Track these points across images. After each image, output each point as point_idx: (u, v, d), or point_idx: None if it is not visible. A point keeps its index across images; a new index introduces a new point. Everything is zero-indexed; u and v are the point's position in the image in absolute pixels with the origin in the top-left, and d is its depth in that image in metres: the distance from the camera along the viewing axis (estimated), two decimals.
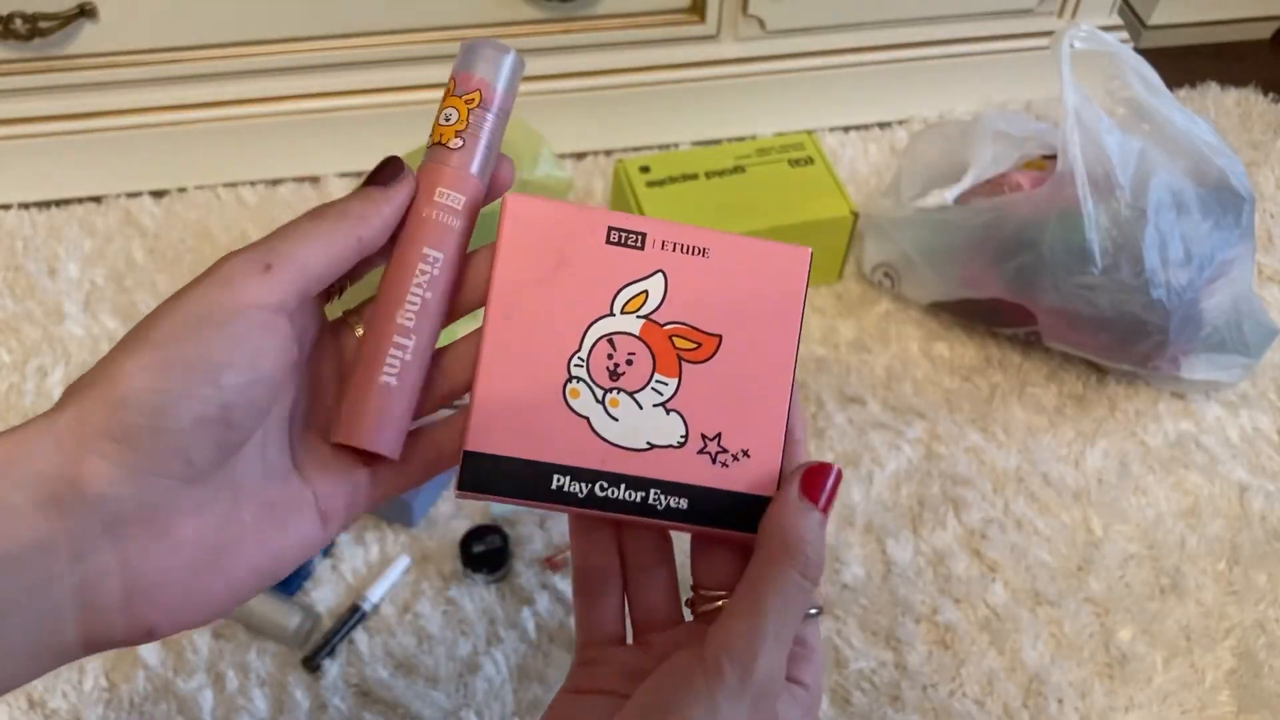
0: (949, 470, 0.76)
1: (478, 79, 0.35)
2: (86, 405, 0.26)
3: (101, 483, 0.26)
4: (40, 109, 0.90)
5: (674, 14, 0.94)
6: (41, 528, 0.26)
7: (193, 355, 0.27)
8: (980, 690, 0.65)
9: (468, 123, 0.34)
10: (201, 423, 0.27)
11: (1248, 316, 0.77)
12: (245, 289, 0.28)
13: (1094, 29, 0.73)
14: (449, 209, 0.33)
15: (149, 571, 0.27)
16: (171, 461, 0.27)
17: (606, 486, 0.34)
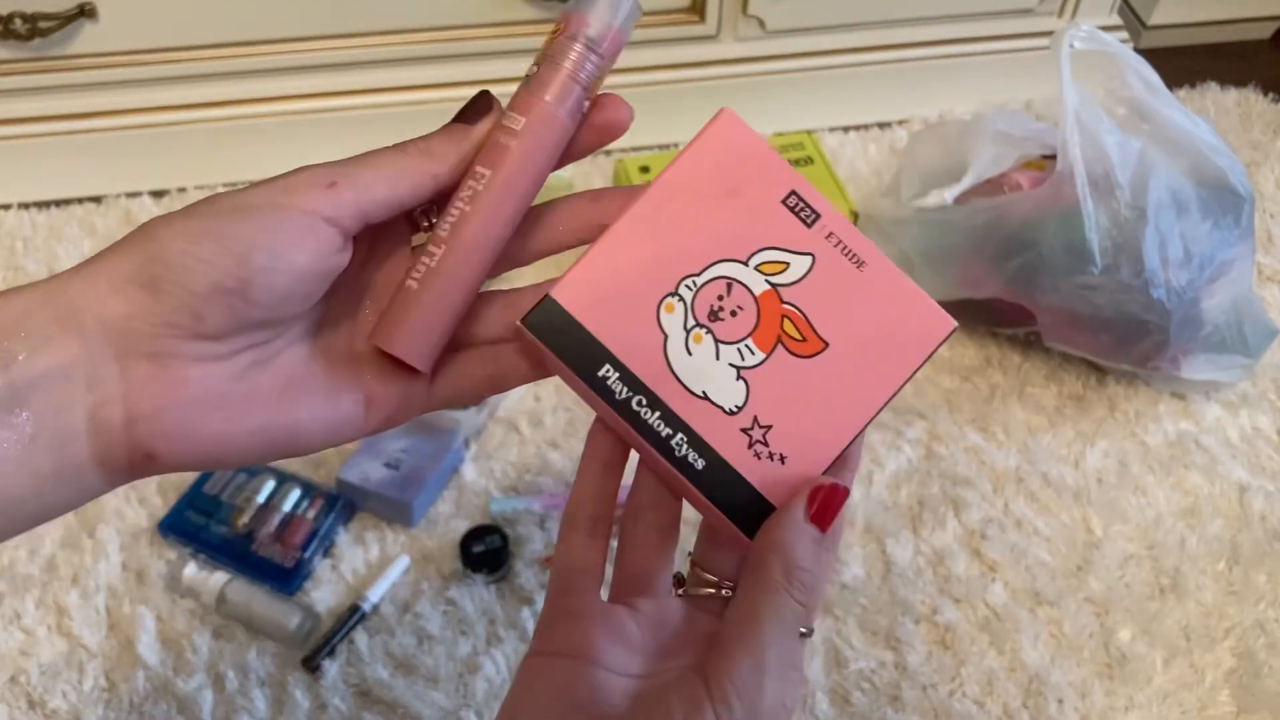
0: (949, 470, 0.76)
1: (572, 12, 0.34)
2: (123, 253, 0.29)
3: (118, 318, 0.29)
4: (40, 109, 0.90)
5: (674, 14, 0.94)
6: (66, 354, 0.28)
7: (228, 232, 0.29)
8: (980, 690, 0.65)
9: (548, 52, 0.33)
10: (219, 291, 0.29)
11: (1248, 316, 0.77)
12: (303, 196, 0.30)
13: (1094, 29, 0.74)
14: (507, 130, 0.33)
15: (148, 400, 0.30)
16: (184, 316, 0.29)
17: (644, 404, 0.34)
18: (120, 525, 0.71)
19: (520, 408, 0.78)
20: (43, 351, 0.28)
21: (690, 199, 0.34)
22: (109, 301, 0.29)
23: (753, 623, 0.31)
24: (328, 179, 0.31)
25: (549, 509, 0.72)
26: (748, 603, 0.32)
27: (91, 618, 0.67)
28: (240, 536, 0.70)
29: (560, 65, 0.33)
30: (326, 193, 0.31)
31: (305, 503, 0.71)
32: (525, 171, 0.33)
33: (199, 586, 0.67)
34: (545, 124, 0.33)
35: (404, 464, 0.72)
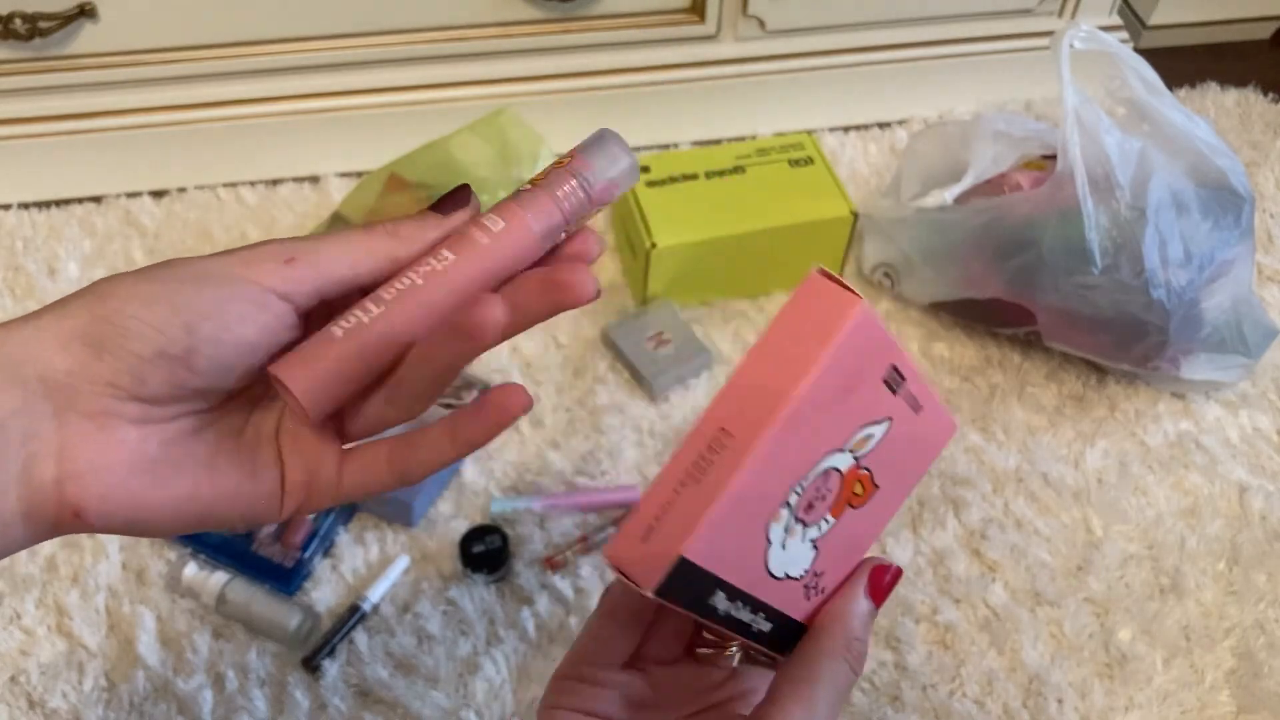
0: (949, 470, 0.76)
1: (578, 152, 0.35)
2: (73, 309, 0.30)
3: (60, 374, 0.29)
4: (40, 109, 0.90)
5: (674, 14, 0.94)
6: (5, 405, 0.29)
7: (180, 300, 0.30)
8: (980, 690, 0.65)
9: (547, 176, 0.34)
10: (163, 356, 0.30)
11: (1247, 316, 0.77)
12: (259, 269, 0.31)
13: (1094, 29, 0.73)
14: (483, 226, 0.33)
15: (81, 459, 0.30)
16: (125, 378, 0.30)
17: (741, 605, 0.33)
18: None
19: None
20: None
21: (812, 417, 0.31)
22: (53, 357, 0.29)
23: (810, 681, 0.34)
24: (286, 254, 0.31)
25: (549, 509, 0.72)
26: (807, 663, 0.35)
27: (91, 617, 0.67)
28: (240, 536, 0.70)
29: (551, 192, 0.33)
30: (283, 268, 0.31)
31: None
32: (485, 269, 0.33)
33: (199, 586, 0.67)
34: (520, 236, 0.33)
35: None
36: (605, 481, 0.75)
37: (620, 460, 0.75)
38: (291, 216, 0.92)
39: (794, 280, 0.87)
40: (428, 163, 0.82)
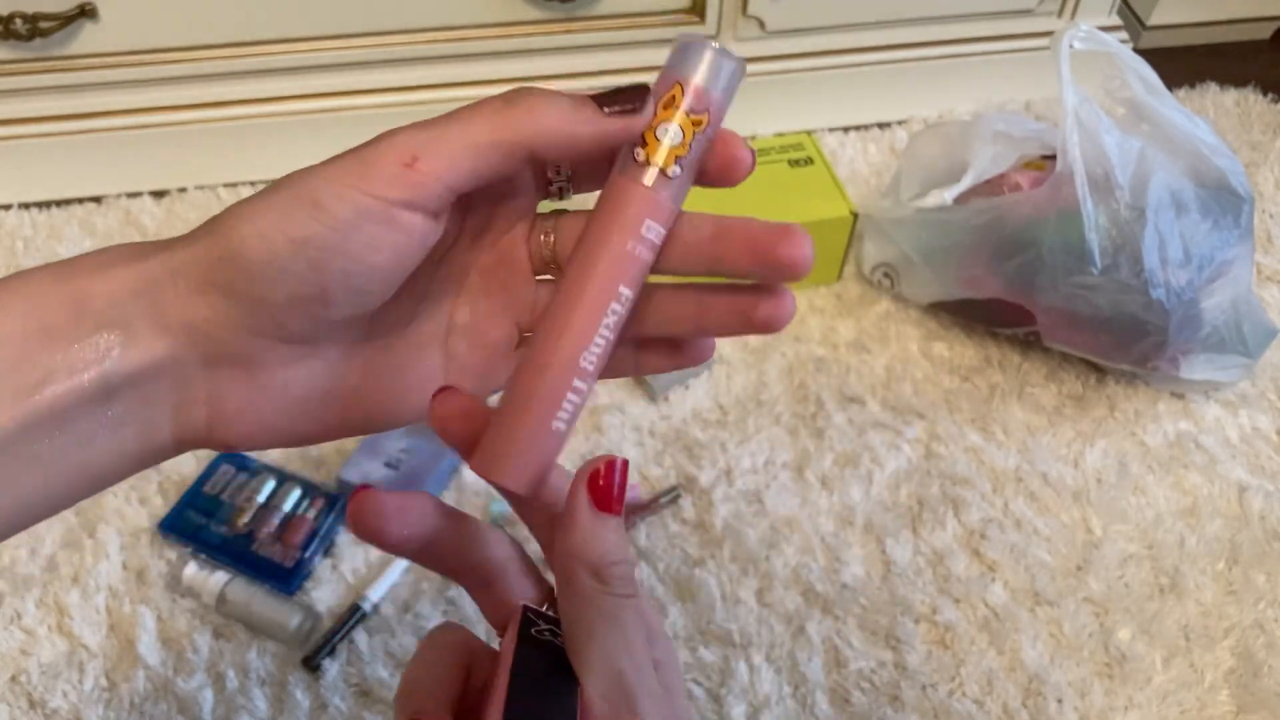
0: (948, 470, 0.76)
1: (713, 96, 0.30)
2: (201, 250, 0.28)
3: (202, 322, 0.28)
4: (40, 109, 0.90)
5: (674, 14, 0.94)
6: (156, 352, 0.28)
7: (303, 234, 0.27)
8: (980, 690, 0.65)
9: (689, 148, 0.30)
10: (297, 299, 0.28)
11: (1247, 317, 0.77)
12: (377, 180, 0.27)
13: (1093, 29, 0.74)
14: (649, 244, 0.30)
15: (231, 405, 0.30)
16: (266, 324, 0.29)
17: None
18: (120, 525, 0.71)
19: None
20: (134, 347, 0.28)
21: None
22: (193, 304, 0.28)
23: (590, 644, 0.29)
24: (408, 153, 0.27)
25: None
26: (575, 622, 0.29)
27: (92, 617, 0.67)
28: (240, 536, 0.70)
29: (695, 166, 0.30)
30: (405, 173, 0.27)
31: (305, 502, 0.71)
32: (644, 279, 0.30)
33: (199, 586, 0.67)
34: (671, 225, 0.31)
35: (404, 464, 0.72)
36: None
37: None
38: None
39: None
40: None
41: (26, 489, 0.28)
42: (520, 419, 0.29)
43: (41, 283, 0.28)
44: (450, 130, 0.28)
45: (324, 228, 0.27)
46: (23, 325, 0.27)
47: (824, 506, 0.73)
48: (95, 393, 0.28)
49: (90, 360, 0.28)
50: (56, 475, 0.28)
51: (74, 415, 0.28)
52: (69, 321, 0.27)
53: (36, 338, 0.27)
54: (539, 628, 0.30)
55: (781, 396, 0.80)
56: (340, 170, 0.28)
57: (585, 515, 0.29)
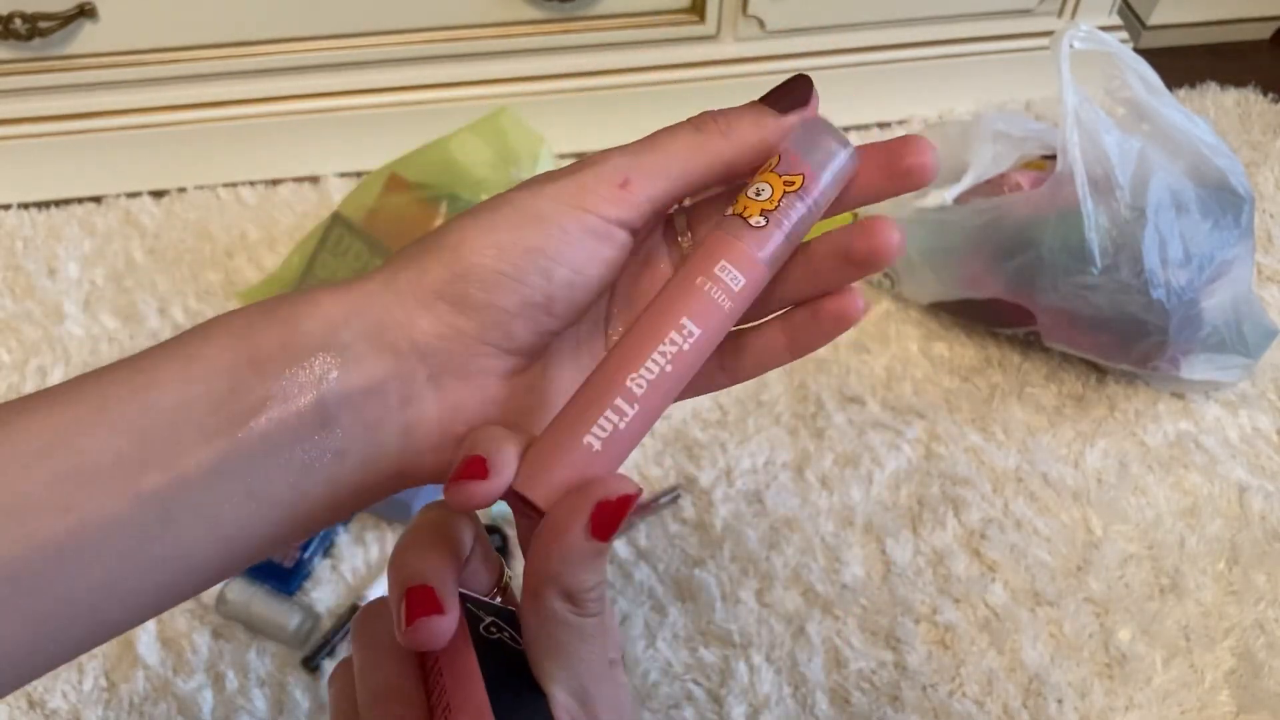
0: (948, 470, 0.76)
1: (806, 164, 0.31)
2: (428, 266, 0.28)
3: (431, 336, 0.28)
4: (40, 109, 0.90)
5: (674, 14, 0.94)
6: (378, 371, 0.28)
7: (532, 245, 0.28)
8: (980, 690, 0.65)
9: (778, 205, 0.31)
10: (527, 306, 0.29)
11: (1247, 317, 0.77)
12: (597, 198, 0.29)
13: (1094, 29, 0.73)
14: (725, 287, 0.30)
15: (462, 420, 0.29)
16: (495, 333, 0.29)
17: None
18: None
19: None
20: (354, 369, 0.27)
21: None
22: (419, 319, 0.28)
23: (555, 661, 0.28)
24: (620, 176, 0.29)
25: None
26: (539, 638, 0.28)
27: None
28: None
29: (783, 224, 0.30)
30: (620, 193, 0.29)
31: None
32: (724, 331, 0.30)
33: None
34: (757, 287, 0.31)
35: None
36: None
37: None
38: (291, 216, 0.92)
39: None
40: (428, 163, 0.82)
41: (240, 524, 0.26)
42: (554, 430, 0.29)
43: (247, 316, 0.27)
44: (656, 155, 0.30)
45: (555, 240, 0.29)
46: (231, 357, 0.26)
47: (824, 507, 0.73)
48: (312, 419, 0.27)
49: (306, 385, 0.27)
50: (271, 509, 0.27)
51: (289, 444, 0.26)
52: (280, 350, 0.27)
53: (247, 368, 0.26)
54: (485, 624, 0.30)
55: (781, 396, 0.80)
56: (561, 190, 0.29)
57: (578, 538, 0.27)
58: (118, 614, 0.26)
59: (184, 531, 0.25)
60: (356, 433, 0.27)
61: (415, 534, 0.30)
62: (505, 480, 0.27)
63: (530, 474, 0.28)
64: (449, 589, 0.28)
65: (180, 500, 0.25)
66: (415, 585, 0.28)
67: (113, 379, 0.26)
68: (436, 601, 0.27)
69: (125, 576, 0.25)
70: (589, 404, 0.29)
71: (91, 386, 0.26)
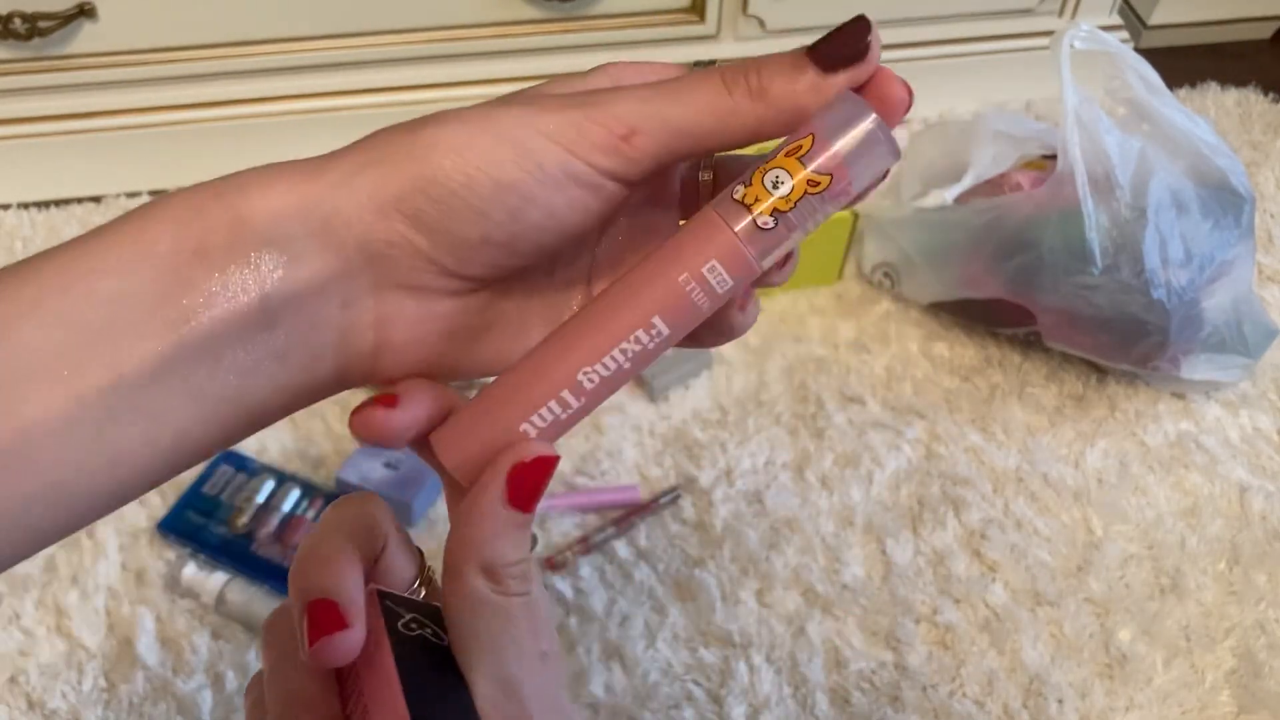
0: (949, 470, 0.76)
1: (839, 162, 0.27)
2: (390, 174, 0.26)
3: (380, 244, 0.27)
4: (40, 109, 0.90)
5: (674, 14, 0.94)
6: (323, 271, 0.26)
7: (506, 179, 0.26)
8: (980, 691, 0.65)
9: (795, 205, 0.27)
10: (487, 242, 0.27)
11: (1248, 317, 0.77)
12: (594, 148, 0.27)
13: (1094, 29, 0.73)
14: (709, 289, 0.27)
15: (399, 332, 0.28)
16: (449, 258, 0.27)
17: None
18: (119, 525, 0.71)
19: None
20: (298, 265, 0.26)
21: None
22: (373, 224, 0.26)
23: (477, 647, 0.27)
24: (625, 125, 0.27)
25: (548, 509, 0.72)
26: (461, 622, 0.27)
27: (91, 618, 0.67)
28: (240, 536, 0.70)
29: (796, 230, 0.27)
30: (620, 145, 0.27)
31: (305, 503, 0.71)
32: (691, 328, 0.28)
33: (198, 586, 0.67)
34: (743, 289, 0.28)
35: (403, 464, 0.72)
36: (605, 482, 0.75)
37: (620, 460, 0.75)
38: None
39: (794, 280, 0.87)
40: None
41: (183, 424, 0.25)
42: (491, 407, 0.28)
43: (195, 199, 0.26)
44: (672, 108, 0.27)
45: (532, 179, 0.26)
46: (174, 245, 0.25)
47: (824, 507, 0.73)
48: (257, 318, 0.26)
49: (251, 282, 0.25)
50: (214, 411, 0.26)
51: (233, 344, 0.25)
52: (227, 241, 0.25)
53: (190, 258, 0.25)
54: (405, 620, 0.28)
55: (781, 396, 0.80)
56: (554, 126, 0.27)
57: (493, 508, 0.27)
58: (62, 517, 0.25)
59: (126, 433, 0.25)
60: (298, 334, 0.27)
61: (317, 539, 0.28)
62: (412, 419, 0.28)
63: (451, 439, 0.27)
64: (352, 599, 0.26)
65: (122, 401, 0.24)
66: (315, 600, 0.26)
67: (53, 266, 0.25)
68: (340, 617, 0.26)
69: (66, 480, 0.24)
70: (533, 387, 0.27)
71: (30, 275, 0.24)
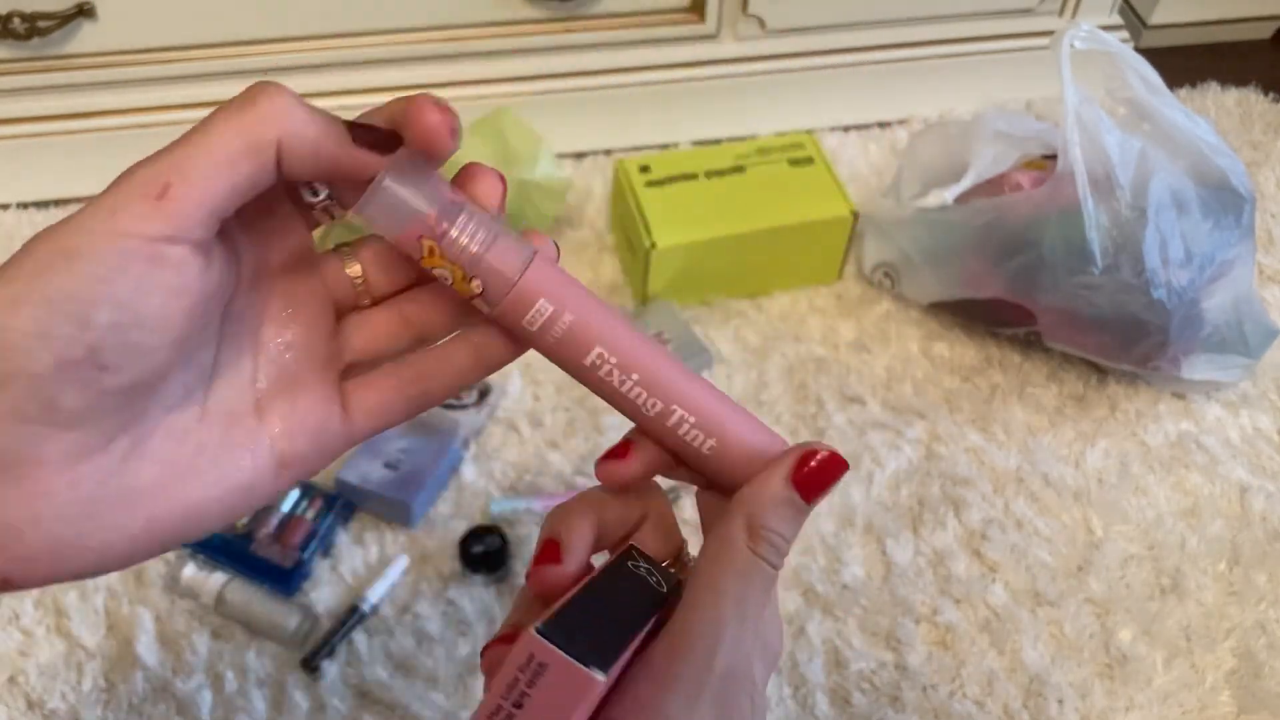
0: (949, 470, 0.76)
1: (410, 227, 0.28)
2: None
3: None
4: (40, 109, 0.90)
5: (674, 13, 0.94)
6: None
7: (55, 290, 0.24)
8: (980, 691, 0.65)
9: (459, 264, 0.29)
10: (65, 365, 0.24)
11: (1248, 316, 0.77)
12: (129, 218, 0.24)
13: (1094, 29, 0.73)
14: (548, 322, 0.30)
15: (2, 522, 0.24)
16: (32, 405, 0.24)
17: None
18: None
19: (519, 408, 0.78)
20: None
21: None
22: None
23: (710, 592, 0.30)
24: (156, 185, 0.25)
25: (549, 509, 0.72)
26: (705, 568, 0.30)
27: (90, 618, 0.67)
28: (239, 537, 0.70)
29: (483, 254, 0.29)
30: (157, 206, 0.25)
31: (304, 503, 0.71)
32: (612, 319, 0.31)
33: (198, 587, 0.67)
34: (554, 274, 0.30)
35: (403, 464, 0.72)
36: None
37: None
38: None
39: (794, 280, 0.87)
40: None
41: None
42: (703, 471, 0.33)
43: None
44: (195, 148, 0.26)
45: (82, 279, 0.24)
46: None
47: (824, 507, 0.73)
48: None
49: None
50: None
51: None
52: None
53: None
54: (636, 563, 0.32)
55: (781, 396, 0.80)
56: (87, 217, 0.25)
57: (776, 479, 0.31)
58: None
59: None
60: None
61: (570, 502, 0.34)
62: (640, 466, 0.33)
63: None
64: (576, 547, 0.32)
65: None
66: (548, 538, 0.32)
67: None
68: (557, 554, 0.31)
69: None
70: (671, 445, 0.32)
71: None
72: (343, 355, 0.31)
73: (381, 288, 0.32)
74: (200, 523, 0.28)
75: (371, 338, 0.32)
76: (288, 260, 0.30)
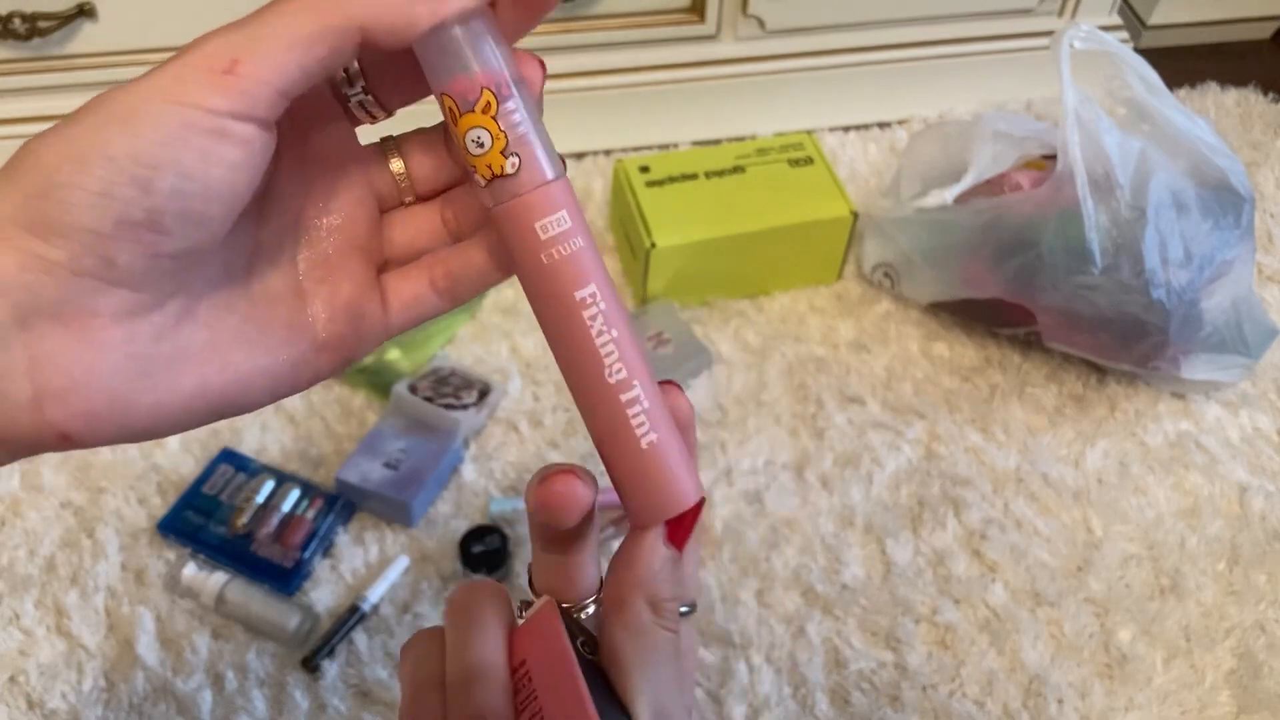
0: (949, 470, 0.76)
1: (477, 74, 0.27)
2: (2, 186, 0.24)
3: (11, 272, 0.24)
4: (40, 109, 0.90)
5: (674, 14, 0.94)
6: None
7: (121, 149, 0.24)
8: (980, 691, 0.65)
9: (505, 134, 0.27)
10: (124, 226, 0.24)
11: (1248, 317, 0.77)
12: (196, 89, 0.24)
13: (1094, 29, 0.73)
14: (562, 237, 0.28)
15: (60, 374, 0.25)
16: (91, 260, 0.24)
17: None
18: (119, 525, 0.71)
19: (519, 408, 0.78)
20: None
21: None
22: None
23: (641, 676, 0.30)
24: (224, 58, 0.24)
25: None
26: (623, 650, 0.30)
27: (90, 618, 0.67)
28: (239, 536, 0.70)
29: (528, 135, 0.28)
30: (225, 80, 0.24)
31: (304, 503, 0.71)
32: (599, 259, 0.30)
33: (198, 587, 0.67)
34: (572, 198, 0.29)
35: (403, 464, 0.72)
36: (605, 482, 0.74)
37: None
38: None
39: (794, 280, 0.87)
40: None
41: None
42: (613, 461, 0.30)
43: None
44: (269, 24, 0.25)
45: (147, 142, 0.24)
46: None
47: (824, 507, 0.73)
48: None
49: None
50: None
51: None
52: None
53: None
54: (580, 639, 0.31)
55: (781, 397, 0.80)
56: (152, 84, 0.25)
57: (660, 550, 0.30)
58: None
59: None
60: None
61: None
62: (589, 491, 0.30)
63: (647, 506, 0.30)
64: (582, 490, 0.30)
65: None
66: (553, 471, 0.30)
67: None
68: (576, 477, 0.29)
69: None
70: (610, 423, 0.29)
71: None
72: (382, 249, 0.32)
73: (423, 185, 0.31)
74: (248, 393, 0.28)
75: (412, 235, 0.32)
76: (330, 147, 0.30)
